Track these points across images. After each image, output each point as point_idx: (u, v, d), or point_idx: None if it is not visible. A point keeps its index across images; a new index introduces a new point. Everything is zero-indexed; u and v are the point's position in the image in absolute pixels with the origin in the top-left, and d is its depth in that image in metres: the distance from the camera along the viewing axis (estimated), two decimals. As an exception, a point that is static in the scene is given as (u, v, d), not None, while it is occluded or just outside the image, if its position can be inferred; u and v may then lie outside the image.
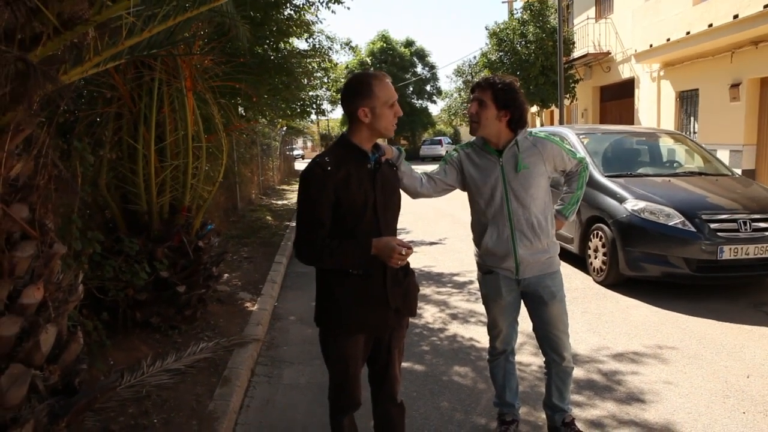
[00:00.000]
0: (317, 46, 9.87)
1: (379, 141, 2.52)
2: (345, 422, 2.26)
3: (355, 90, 2.05)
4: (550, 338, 2.74)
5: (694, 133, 12.97)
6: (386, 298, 2.11)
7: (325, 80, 11.64)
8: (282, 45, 7.70)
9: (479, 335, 4.39)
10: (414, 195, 2.71)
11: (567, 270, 6.02)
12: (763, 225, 5.17)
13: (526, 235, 2.60)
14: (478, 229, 2.73)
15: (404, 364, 3.82)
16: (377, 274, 2.08)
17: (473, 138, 2.74)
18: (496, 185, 2.61)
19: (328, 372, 2.24)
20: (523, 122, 2.60)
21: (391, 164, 2.31)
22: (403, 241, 2.01)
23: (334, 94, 17.73)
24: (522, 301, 2.78)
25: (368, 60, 38.31)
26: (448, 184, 2.74)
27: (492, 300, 2.76)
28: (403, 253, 1.97)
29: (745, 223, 5.12)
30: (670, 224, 5.17)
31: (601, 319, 4.71)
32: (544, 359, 2.85)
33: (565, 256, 4.85)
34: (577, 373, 3.56)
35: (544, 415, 2.99)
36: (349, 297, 2.09)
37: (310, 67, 9.50)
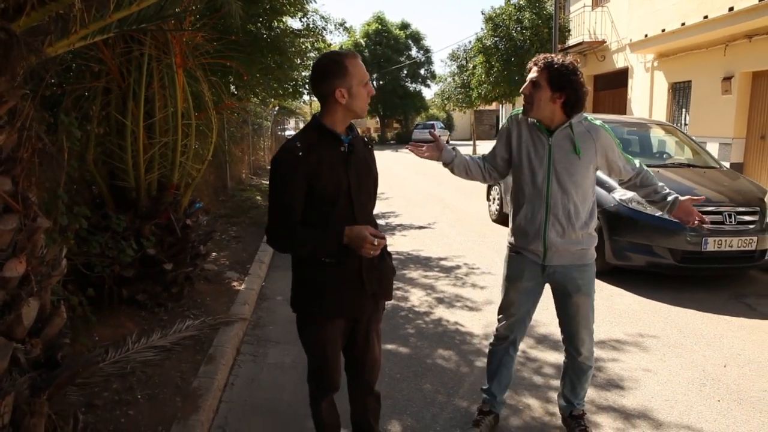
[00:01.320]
0: (311, 25, 9.71)
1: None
2: (324, 405, 2.27)
3: (330, 70, 1.97)
4: (569, 331, 2.68)
5: (686, 124, 13.00)
6: (362, 284, 2.08)
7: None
8: (275, 24, 7.60)
9: (464, 320, 4.44)
10: (485, 182, 2.85)
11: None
12: (747, 218, 5.23)
13: (560, 221, 2.51)
14: (515, 205, 2.66)
15: (389, 346, 3.86)
16: (352, 260, 2.03)
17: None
18: (540, 165, 2.52)
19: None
20: (579, 106, 2.46)
21: (367, 143, 2.22)
22: (376, 231, 1.96)
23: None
24: (552, 294, 2.70)
25: (362, 41, 37.98)
26: (506, 160, 2.69)
27: (512, 281, 2.68)
28: (375, 243, 1.92)
29: (730, 216, 5.17)
30: (656, 215, 5.21)
31: (585, 307, 4.75)
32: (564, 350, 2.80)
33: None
34: (558, 358, 3.61)
35: (525, 400, 3.03)
36: (325, 283, 2.06)
37: (303, 47, 9.39)
